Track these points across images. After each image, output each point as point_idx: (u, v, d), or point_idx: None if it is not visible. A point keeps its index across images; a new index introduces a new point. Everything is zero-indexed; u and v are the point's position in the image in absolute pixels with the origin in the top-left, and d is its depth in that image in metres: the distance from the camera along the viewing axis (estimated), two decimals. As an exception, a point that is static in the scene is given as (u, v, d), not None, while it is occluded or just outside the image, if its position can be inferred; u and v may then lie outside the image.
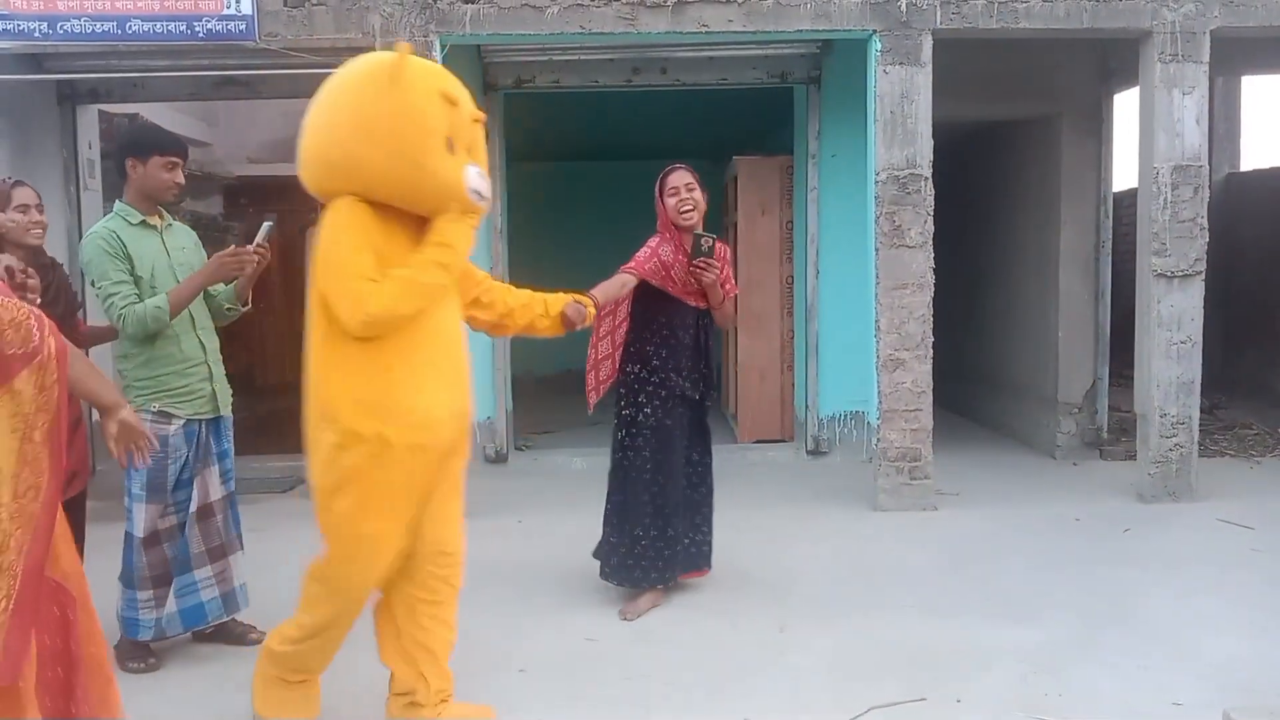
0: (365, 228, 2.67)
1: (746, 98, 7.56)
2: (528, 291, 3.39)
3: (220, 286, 3.81)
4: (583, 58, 6.60)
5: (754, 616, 4.09)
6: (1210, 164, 6.58)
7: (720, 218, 9.12)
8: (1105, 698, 3.29)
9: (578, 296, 3.48)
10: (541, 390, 10.12)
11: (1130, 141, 6.39)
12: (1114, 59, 6.98)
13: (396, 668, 3.00)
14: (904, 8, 5.62)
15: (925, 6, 5.63)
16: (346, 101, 2.69)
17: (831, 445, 7.17)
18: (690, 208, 4.08)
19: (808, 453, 7.19)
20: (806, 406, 7.21)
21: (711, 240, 3.99)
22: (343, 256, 2.65)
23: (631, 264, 4.08)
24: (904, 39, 5.64)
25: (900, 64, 5.65)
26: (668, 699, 3.35)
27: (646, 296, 4.13)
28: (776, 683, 3.46)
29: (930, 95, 5.64)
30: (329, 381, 2.71)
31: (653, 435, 4.12)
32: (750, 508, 5.84)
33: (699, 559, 4.36)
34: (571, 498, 6.17)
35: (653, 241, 4.16)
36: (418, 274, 2.69)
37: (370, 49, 5.57)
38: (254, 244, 3.66)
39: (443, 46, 5.67)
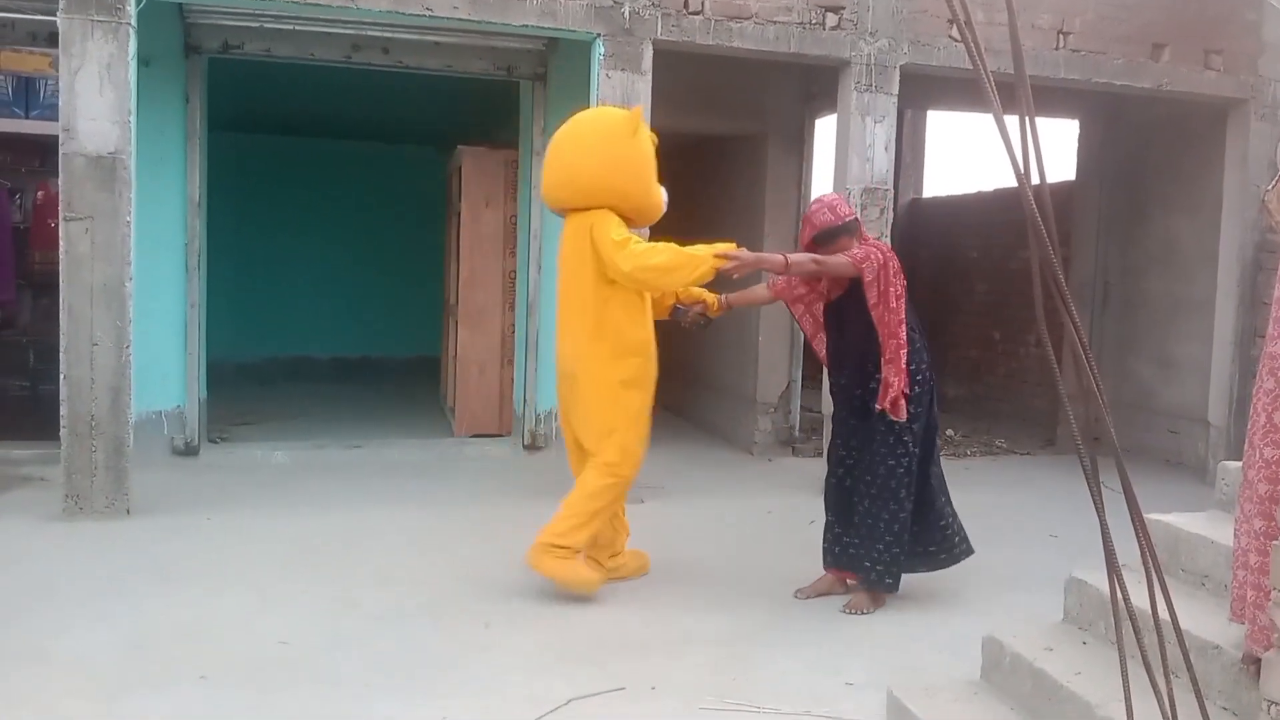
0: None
1: (474, 88, 7.47)
2: None
3: None
4: (298, 28, 6.24)
5: (458, 614, 4.02)
6: (896, 188, 7.22)
7: (445, 208, 8.98)
8: (788, 680, 3.49)
9: None
10: (242, 378, 9.50)
11: (827, 162, 6.90)
12: (816, 85, 7.51)
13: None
14: (627, 15, 5.75)
15: (647, 16, 5.78)
16: (598, 145, 4.19)
17: (548, 440, 7.20)
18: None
19: (524, 447, 7.20)
20: (525, 401, 7.22)
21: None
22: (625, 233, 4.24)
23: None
24: (626, 45, 5.77)
25: (622, 69, 5.77)
26: (362, 702, 3.22)
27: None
28: (478, 680, 3.42)
29: (650, 103, 5.81)
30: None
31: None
32: (464, 502, 5.77)
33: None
34: (269, 493, 5.82)
35: None
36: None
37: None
38: None
39: (138, 1, 5.17)
